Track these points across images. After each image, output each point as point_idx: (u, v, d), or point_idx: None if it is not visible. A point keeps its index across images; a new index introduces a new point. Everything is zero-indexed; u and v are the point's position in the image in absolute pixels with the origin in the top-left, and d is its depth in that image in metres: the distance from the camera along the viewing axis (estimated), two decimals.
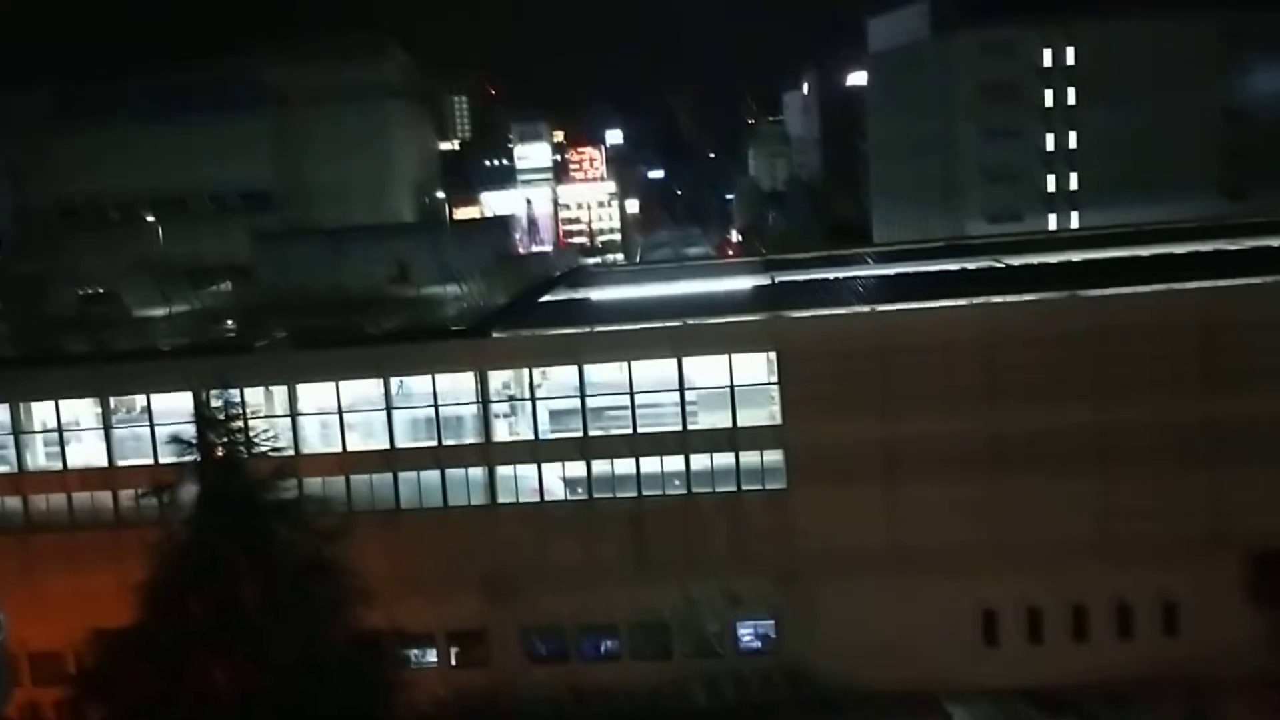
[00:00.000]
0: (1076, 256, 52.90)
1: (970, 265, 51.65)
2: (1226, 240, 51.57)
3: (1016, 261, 51.86)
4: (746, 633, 42.08)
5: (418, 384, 43.05)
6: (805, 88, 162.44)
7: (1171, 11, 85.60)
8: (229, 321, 50.37)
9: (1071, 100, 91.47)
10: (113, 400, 43.52)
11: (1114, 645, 40.22)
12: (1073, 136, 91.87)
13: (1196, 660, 38.55)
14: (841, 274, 53.04)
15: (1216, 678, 38.99)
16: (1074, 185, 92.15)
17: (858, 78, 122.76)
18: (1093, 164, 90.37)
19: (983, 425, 39.86)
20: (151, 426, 41.88)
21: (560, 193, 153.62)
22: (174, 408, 40.58)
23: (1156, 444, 39.33)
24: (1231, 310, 39.24)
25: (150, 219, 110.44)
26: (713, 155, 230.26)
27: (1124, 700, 40.61)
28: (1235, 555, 39.53)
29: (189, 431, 34.02)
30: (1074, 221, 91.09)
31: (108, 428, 43.17)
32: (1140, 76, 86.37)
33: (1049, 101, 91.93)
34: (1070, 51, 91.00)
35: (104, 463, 42.96)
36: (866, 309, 42.47)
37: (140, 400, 43.44)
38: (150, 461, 40.36)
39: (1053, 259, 52.71)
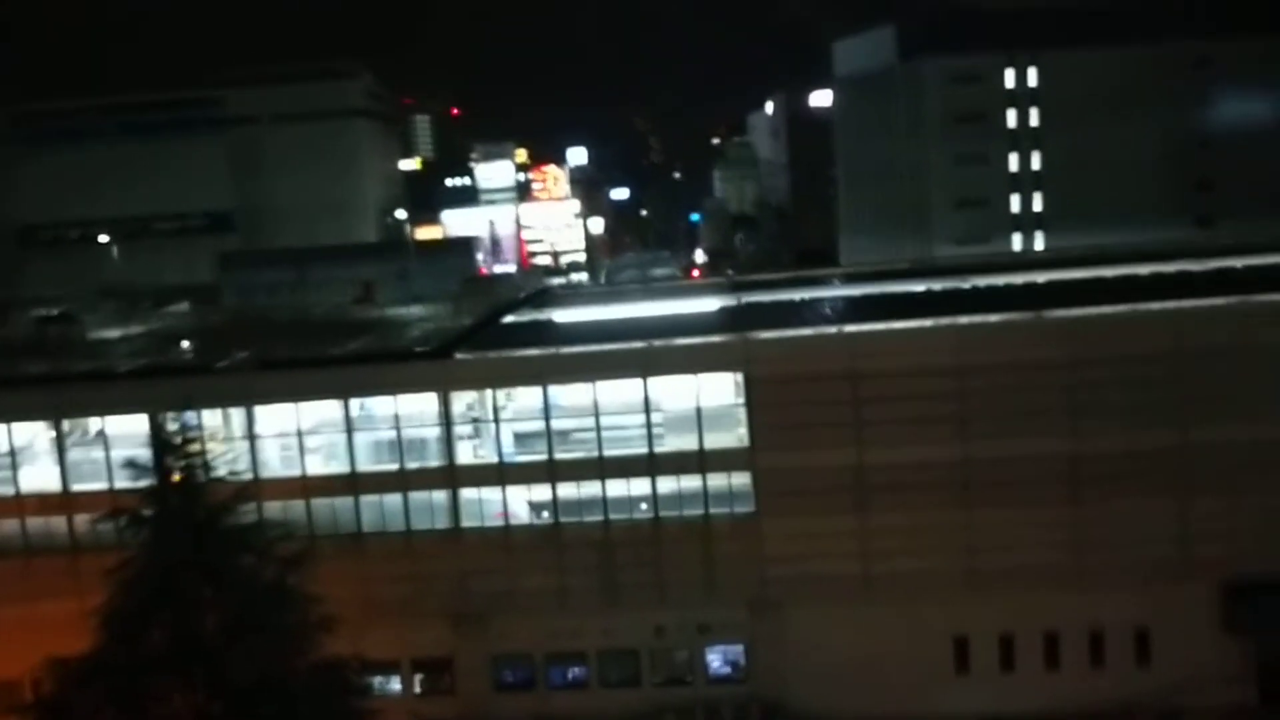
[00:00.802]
0: (1042, 278, 52.86)
1: (938, 286, 51.53)
2: (1192, 261, 51.73)
3: (984, 283, 51.78)
4: (716, 659, 41.53)
5: (380, 406, 42.35)
6: (772, 110, 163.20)
7: (1139, 40, 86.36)
8: (187, 343, 49.41)
9: (1036, 124, 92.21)
10: (67, 423, 42.52)
11: (1086, 674, 39.90)
12: (1037, 160, 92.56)
13: (1167, 689, 38.36)
14: (809, 295, 52.80)
15: (1187, 707, 38.90)
16: (1039, 209, 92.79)
17: (823, 99, 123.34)
18: (1059, 189, 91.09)
19: (953, 450, 39.57)
20: (107, 450, 40.95)
21: (524, 213, 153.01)
22: (131, 431, 39.80)
23: (1128, 470, 39.10)
24: (1202, 333, 39.16)
25: (109, 241, 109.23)
26: (679, 176, 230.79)
27: None
28: (1206, 584, 39.36)
29: (146, 455, 33.28)
30: (1039, 244, 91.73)
31: (62, 451, 42.13)
32: (1107, 104, 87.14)
33: (1014, 124, 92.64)
34: (1036, 77, 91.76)
35: (59, 487, 41.91)
36: (834, 330, 42.16)
37: (96, 423, 42.48)
38: (107, 486, 39.51)
39: (1020, 280, 52.69)
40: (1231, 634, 39.26)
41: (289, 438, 41.81)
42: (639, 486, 41.16)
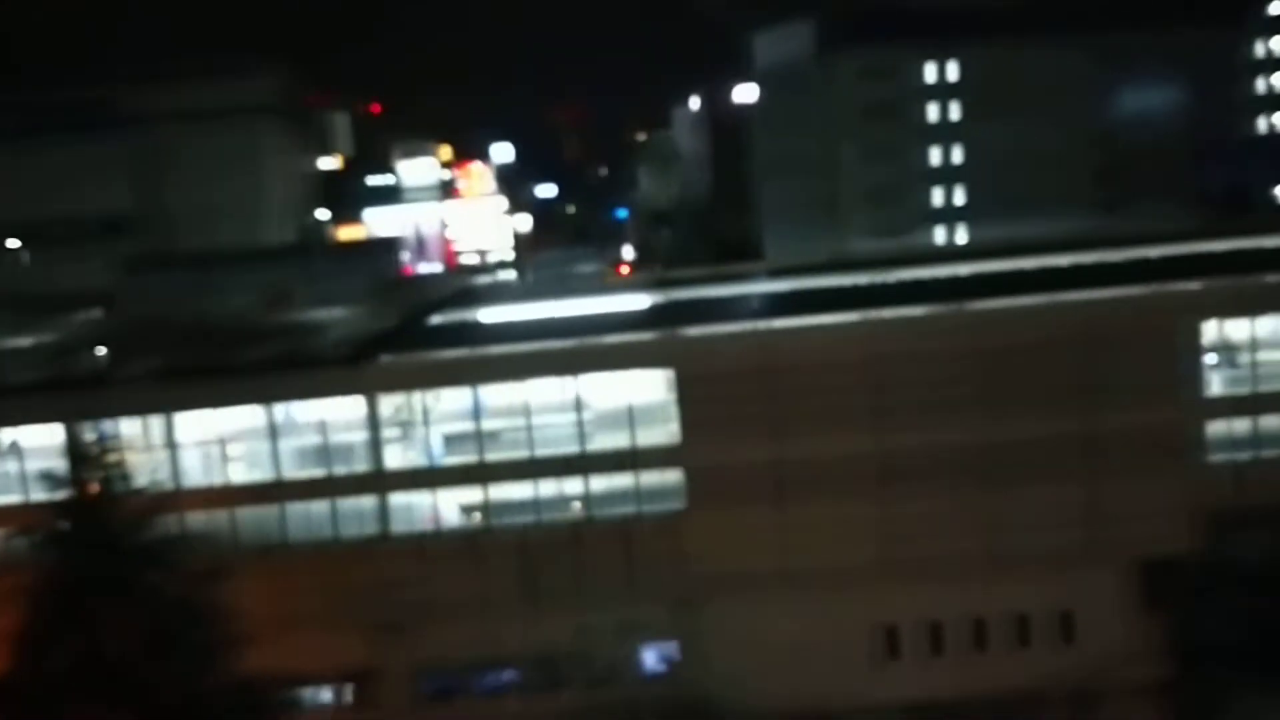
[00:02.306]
0: (962, 270, 53.68)
1: (856, 281, 52.10)
2: (1107, 251, 52.87)
3: (900, 277, 52.45)
4: (644, 658, 41.58)
5: (304, 412, 41.79)
6: (694, 104, 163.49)
7: (1048, 35, 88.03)
8: (95, 352, 48.22)
9: (955, 118, 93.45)
10: None
11: (1012, 655, 40.61)
12: (956, 154, 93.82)
13: (1091, 667, 39.24)
14: (731, 291, 53.10)
15: (1110, 683, 39.84)
16: (959, 201, 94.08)
17: (746, 94, 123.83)
18: (975, 181, 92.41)
19: (871, 441, 40.06)
20: (21, 464, 39.96)
21: (448, 210, 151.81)
22: (47, 444, 38.90)
23: (1043, 457, 39.88)
24: (1110, 321, 40.05)
25: (19, 247, 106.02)
26: (604, 172, 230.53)
27: (1011, 710, 41.23)
28: (1123, 564, 40.27)
29: (60, 468, 32.59)
30: (961, 237, 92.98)
31: None
32: (1021, 96, 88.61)
33: (933, 118, 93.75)
34: (953, 71, 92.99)
35: None
36: (749, 327, 42.41)
37: (7, 436, 41.42)
38: (19, 500, 38.60)
39: (938, 273, 53.48)
40: (1150, 612, 40.23)
41: (210, 446, 41.11)
42: (570, 486, 41.09)
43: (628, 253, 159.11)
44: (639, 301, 52.30)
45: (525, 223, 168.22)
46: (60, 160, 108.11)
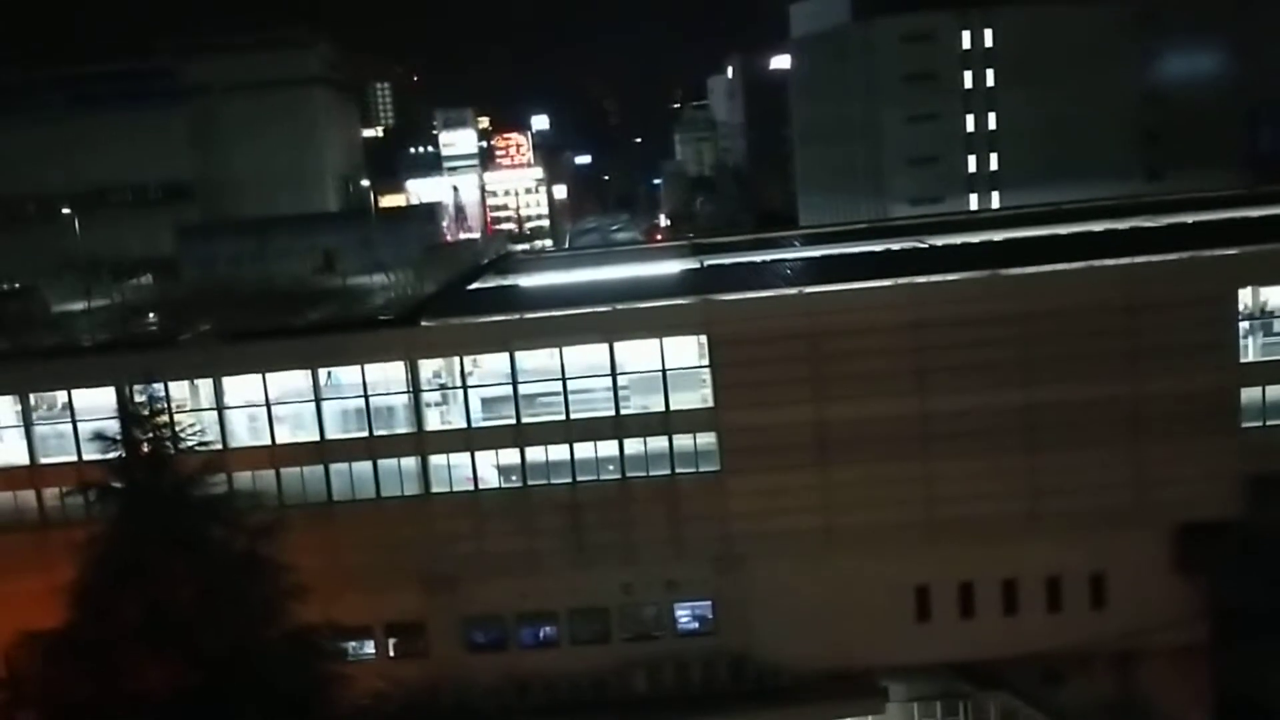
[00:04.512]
0: (999, 236, 53.67)
1: (895, 246, 52.21)
2: (1146, 218, 52.67)
3: (941, 242, 52.50)
4: (684, 615, 42.28)
5: (347, 375, 42.59)
6: (730, 72, 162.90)
7: None
8: (151, 315, 49.29)
9: (990, 83, 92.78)
10: (33, 397, 42.53)
11: (1044, 618, 40.94)
12: (992, 119, 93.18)
13: (1123, 631, 39.49)
14: (769, 257, 53.31)
15: (1142, 647, 40.09)
16: (994, 167, 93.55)
17: (781, 62, 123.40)
18: (1012, 146, 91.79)
19: (912, 405, 40.34)
20: (74, 424, 41.03)
21: (487, 179, 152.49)
22: (97, 404, 39.85)
23: (1082, 419, 40.04)
24: (1154, 287, 40.03)
25: (68, 213, 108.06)
26: (639, 141, 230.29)
27: (1055, 673, 41.59)
28: (1159, 528, 40.45)
29: (113, 428, 33.37)
30: (995, 203, 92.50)
31: (28, 425, 42.17)
32: (1057, 60, 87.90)
33: (969, 84, 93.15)
34: (989, 36, 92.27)
35: (26, 461, 41.98)
36: (794, 291, 42.75)
37: (62, 397, 42.50)
38: (74, 459, 39.61)
39: (976, 239, 53.50)
40: (1184, 576, 40.39)
41: (257, 408, 42.02)
42: (606, 448, 41.70)
43: (662, 220, 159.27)
44: (675, 267, 52.65)
45: (562, 190, 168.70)
46: (121, 129, 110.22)
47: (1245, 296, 40.88)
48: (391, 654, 42.50)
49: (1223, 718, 40.94)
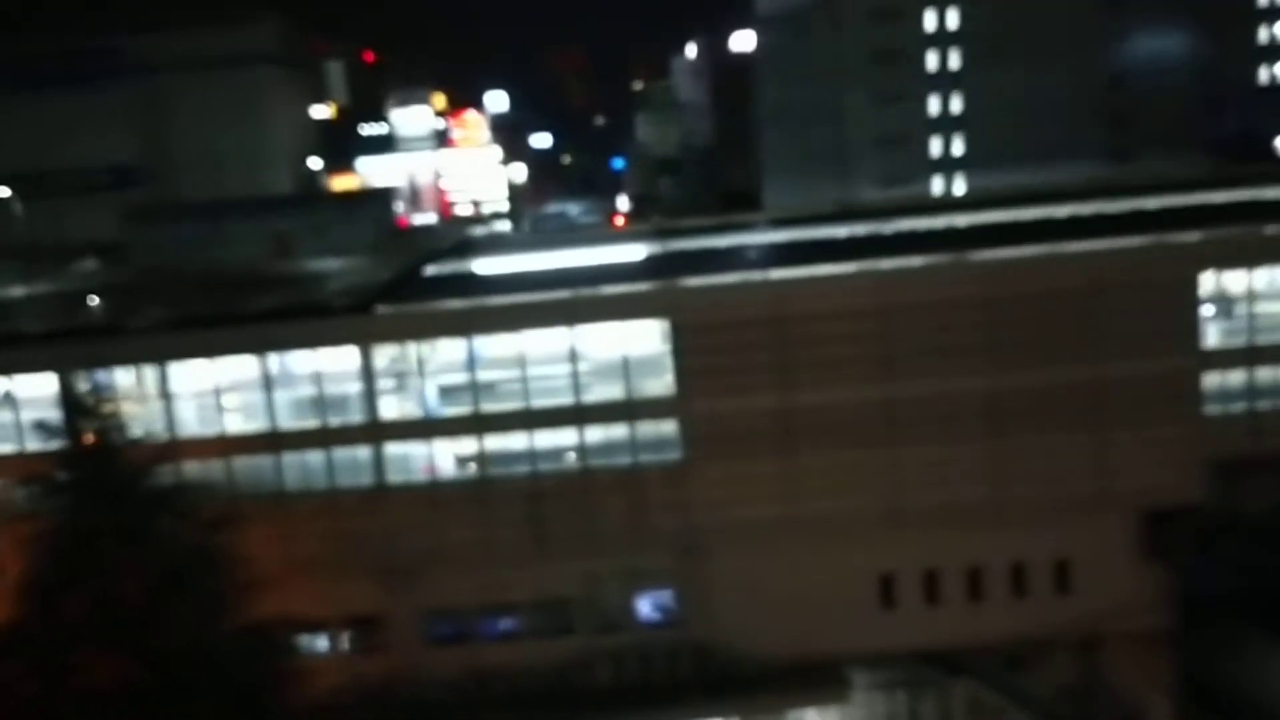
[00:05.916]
0: (964, 220, 53.34)
1: (861, 231, 51.74)
2: (1110, 201, 52.50)
3: (906, 226, 52.07)
4: (647, 606, 41.76)
5: (300, 362, 41.59)
6: (694, 51, 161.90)
7: None
8: (97, 301, 47.96)
9: (956, 65, 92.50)
10: None
11: (1009, 605, 40.75)
12: (957, 101, 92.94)
13: (1088, 617, 39.38)
14: (734, 241, 52.70)
15: (1108, 633, 40.02)
16: (960, 150, 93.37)
17: (747, 42, 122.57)
18: (979, 128, 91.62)
19: (877, 391, 39.94)
20: (17, 414, 39.79)
21: (443, 161, 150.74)
22: (41, 394, 38.72)
23: (1047, 406, 39.81)
24: (1116, 271, 39.80)
25: (11, 197, 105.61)
26: (601, 121, 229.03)
27: (1018, 658, 41.49)
28: (1124, 514, 40.29)
29: (57, 418, 32.38)
30: (961, 186, 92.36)
31: None
32: (1024, 42, 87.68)
33: (934, 66, 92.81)
34: (954, 16, 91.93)
35: None
36: (758, 276, 42.17)
37: (3, 385, 41.22)
38: (17, 450, 38.46)
39: (940, 223, 53.11)
40: (1149, 562, 40.29)
41: (206, 397, 40.95)
42: (567, 437, 41.00)
43: (624, 203, 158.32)
44: (637, 251, 51.91)
45: (521, 172, 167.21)
46: (65, 110, 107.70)
47: (1207, 281, 40.73)
48: (350, 648, 41.70)
49: (1183, 703, 41.00)
